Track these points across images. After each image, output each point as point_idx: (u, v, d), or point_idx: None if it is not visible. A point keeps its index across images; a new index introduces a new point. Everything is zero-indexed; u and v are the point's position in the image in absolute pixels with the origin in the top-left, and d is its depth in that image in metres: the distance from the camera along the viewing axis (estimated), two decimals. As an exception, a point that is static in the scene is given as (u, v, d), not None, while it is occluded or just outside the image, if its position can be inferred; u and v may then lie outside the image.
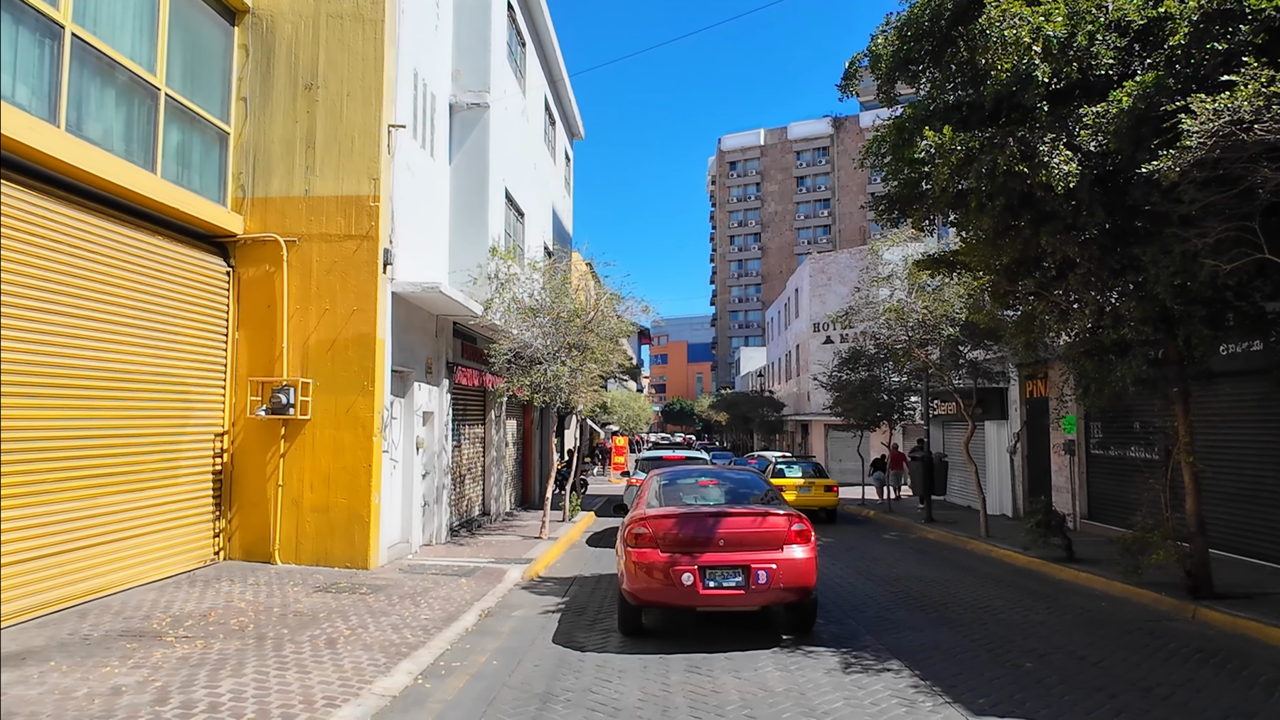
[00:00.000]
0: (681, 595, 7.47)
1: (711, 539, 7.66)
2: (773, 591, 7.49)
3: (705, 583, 7.45)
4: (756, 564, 7.46)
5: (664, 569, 7.51)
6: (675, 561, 7.53)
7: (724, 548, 7.61)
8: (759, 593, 7.46)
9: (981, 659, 7.08)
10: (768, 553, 7.58)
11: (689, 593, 7.43)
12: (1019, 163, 8.07)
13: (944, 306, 15.21)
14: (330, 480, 10.78)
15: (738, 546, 7.62)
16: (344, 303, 10.97)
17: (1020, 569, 12.55)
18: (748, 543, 7.65)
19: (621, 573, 7.97)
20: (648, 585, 7.58)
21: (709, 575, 7.46)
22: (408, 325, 12.42)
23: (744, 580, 7.46)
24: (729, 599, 7.47)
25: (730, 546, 7.62)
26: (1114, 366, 9.56)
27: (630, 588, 7.72)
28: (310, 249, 11.06)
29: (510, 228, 16.96)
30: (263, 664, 6.35)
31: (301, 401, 10.73)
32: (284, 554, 10.74)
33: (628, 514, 8.70)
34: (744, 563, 7.48)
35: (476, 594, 9.56)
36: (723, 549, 7.61)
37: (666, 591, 7.51)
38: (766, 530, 7.76)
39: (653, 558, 7.61)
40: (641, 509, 8.41)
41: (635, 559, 7.69)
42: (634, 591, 7.70)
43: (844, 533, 17.83)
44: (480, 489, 17.57)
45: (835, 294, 41.16)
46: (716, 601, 7.49)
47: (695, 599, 7.47)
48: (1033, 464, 19.44)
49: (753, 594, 7.46)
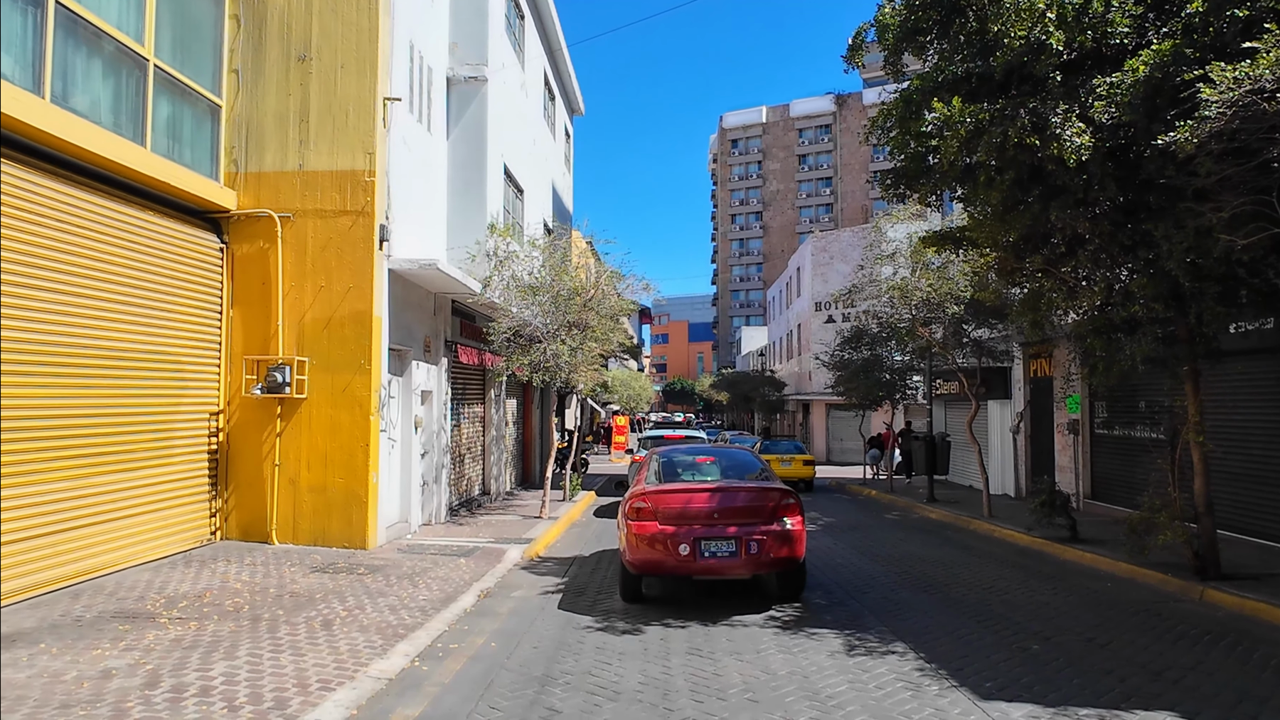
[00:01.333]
0: (679, 564, 7.89)
1: (707, 512, 8.09)
2: (763, 560, 7.93)
3: (701, 552, 7.88)
4: (748, 535, 7.90)
5: (663, 540, 7.92)
6: (673, 533, 7.93)
7: (718, 520, 8.03)
8: (750, 561, 7.90)
9: (987, 641, 6.97)
10: (759, 524, 8.01)
11: (686, 562, 7.86)
12: (1030, 135, 7.85)
13: (948, 284, 15.01)
14: (327, 460, 10.66)
15: (731, 519, 8.04)
16: (340, 280, 10.79)
17: (1024, 549, 12.45)
18: (740, 515, 8.08)
19: (623, 543, 8.37)
20: (648, 555, 8.00)
21: (704, 545, 7.89)
22: (405, 303, 12.25)
23: (736, 550, 7.88)
24: (722, 567, 7.92)
25: (724, 519, 8.04)
26: (1123, 344, 9.39)
27: (631, 558, 8.14)
28: (305, 225, 10.86)
29: (509, 204, 16.73)
30: (257, 646, 6.24)
31: (297, 380, 10.59)
32: (281, 534, 10.64)
33: (629, 489, 9.09)
34: (737, 534, 7.91)
35: (475, 574, 9.46)
36: (717, 521, 8.02)
37: (665, 561, 7.93)
38: (758, 504, 8.20)
39: (652, 530, 8.02)
40: (642, 485, 8.78)
41: (636, 531, 8.09)
42: (635, 561, 8.11)
43: (846, 512, 17.75)
44: (480, 468, 17.48)
45: (837, 273, 40.91)
46: (711, 570, 7.94)
47: (691, 568, 7.90)
48: (1036, 444, 19.31)
49: (745, 563, 7.90)
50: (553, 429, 15.85)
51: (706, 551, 7.88)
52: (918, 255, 15.50)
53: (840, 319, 39.89)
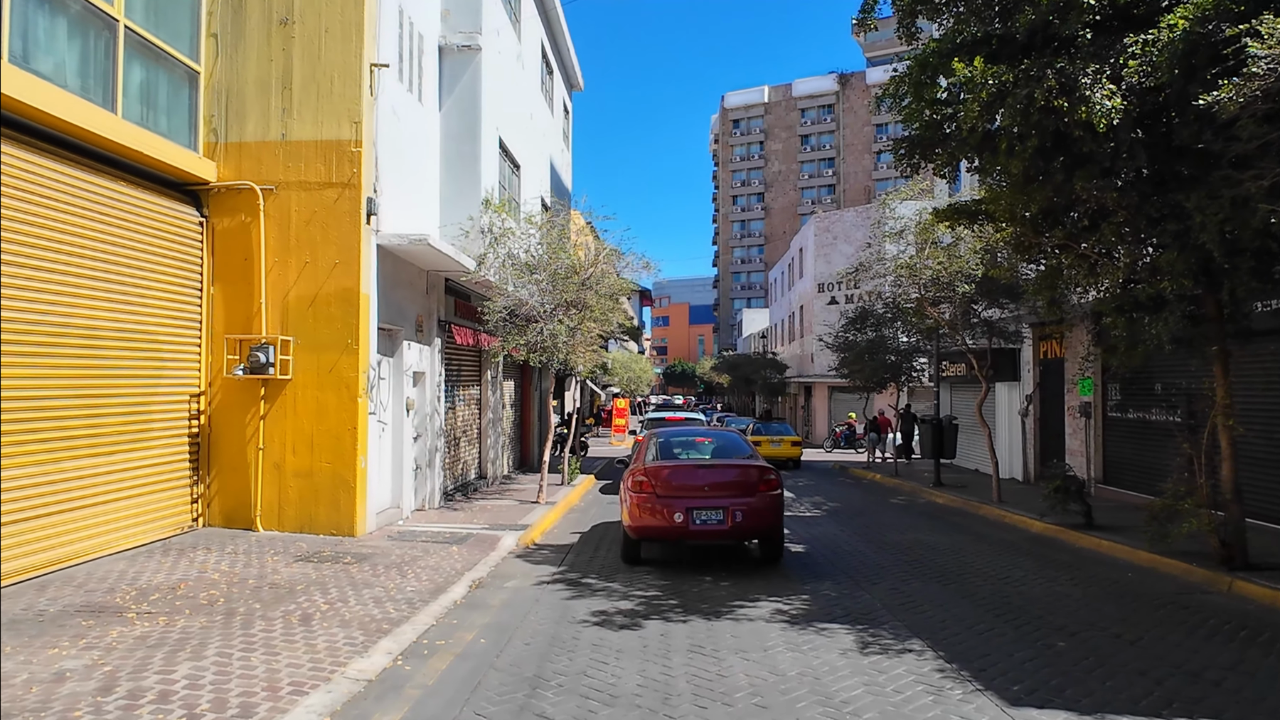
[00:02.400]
0: (673, 530, 8.93)
1: (698, 485, 9.18)
2: (746, 528, 8.98)
3: (693, 520, 8.88)
4: (734, 506, 8.91)
5: (660, 509, 8.96)
6: (669, 503, 8.95)
7: (708, 493, 9.08)
8: (736, 529, 8.92)
9: (1008, 637, 6.54)
10: (743, 497, 9.02)
11: (680, 528, 8.89)
12: (1058, 97, 7.33)
13: (958, 263, 14.50)
14: (313, 443, 10.22)
15: (719, 492, 9.09)
16: (325, 255, 10.30)
17: (1037, 536, 12.03)
18: (727, 489, 9.13)
19: (624, 512, 9.53)
20: (646, 522, 9.08)
21: (696, 514, 8.89)
22: (395, 281, 11.76)
23: (723, 518, 8.88)
24: (711, 534, 8.94)
25: (713, 492, 9.09)
26: (1148, 324, 8.91)
27: (631, 524, 9.25)
28: (289, 198, 10.35)
29: (505, 180, 16.20)
30: (228, 644, 5.82)
31: (281, 360, 10.12)
32: (266, 521, 10.22)
33: (629, 465, 10.20)
34: (724, 505, 8.92)
35: (467, 563, 9.05)
36: (707, 494, 9.07)
37: (661, 528, 8.98)
38: (743, 479, 9.23)
39: (650, 500, 9.07)
40: (642, 461, 9.85)
41: (636, 501, 9.18)
42: (635, 527, 9.21)
43: (850, 497, 17.34)
44: (476, 452, 17.05)
45: (841, 253, 40.35)
46: (701, 536, 8.97)
47: (685, 533, 8.92)
48: (1045, 427, 18.88)
49: (731, 530, 8.91)
50: (550, 411, 15.40)
51: (698, 519, 8.87)
52: (926, 233, 14.98)
53: (843, 300, 39.39)
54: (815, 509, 15.17)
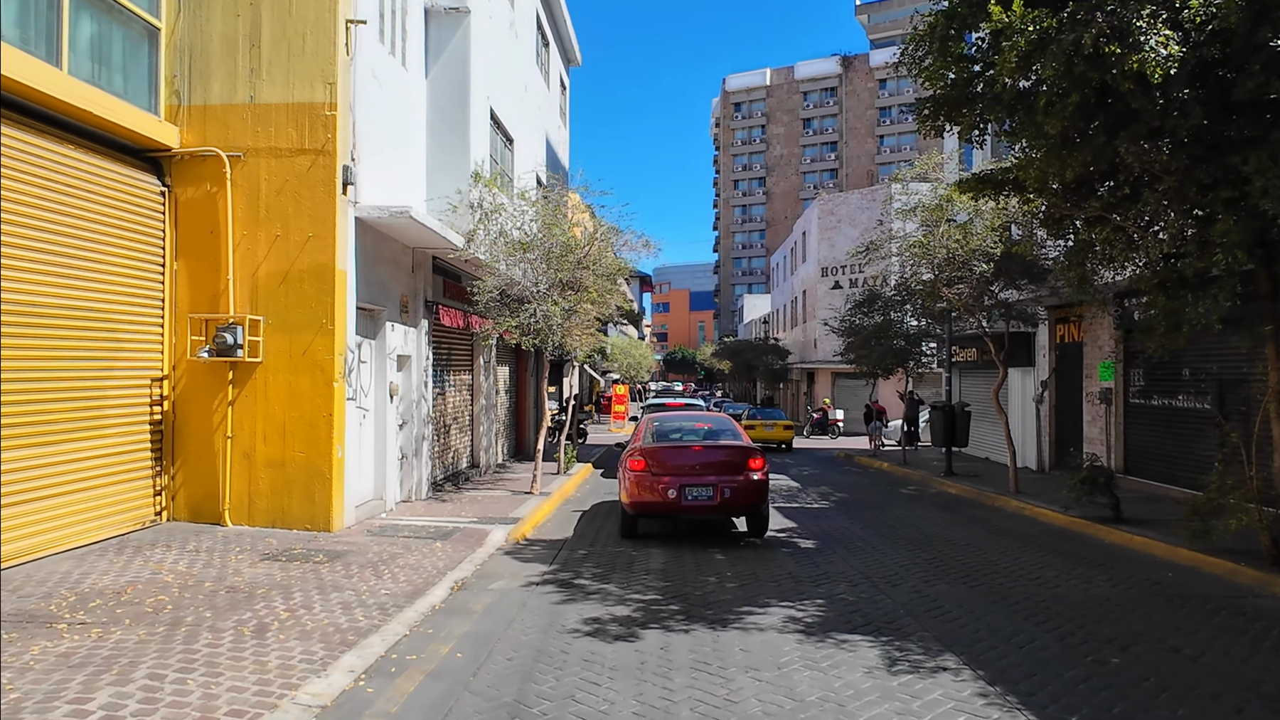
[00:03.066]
0: (667, 505, 9.65)
1: (690, 464, 9.85)
2: (734, 504, 9.67)
3: (685, 496, 9.57)
4: (723, 484, 9.59)
5: (655, 486, 9.67)
6: (663, 480, 9.66)
7: (699, 471, 9.76)
8: (724, 504, 9.62)
9: (1053, 651, 5.81)
10: (731, 475, 9.71)
11: (673, 503, 9.59)
12: (1109, 43, 6.52)
13: (975, 240, 13.69)
14: (286, 431, 9.47)
15: (710, 470, 9.76)
16: (298, 228, 9.52)
17: (1061, 530, 11.30)
18: (717, 468, 9.79)
19: (622, 490, 10.19)
20: (643, 498, 9.75)
21: (688, 491, 9.58)
22: (377, 257, 10.98)
23: (713, 495, 9.56)
24: (701, 508, 9.65)
25: (704, 470, 9.76)
26: (1194, 302, 8.15)
27: (629, 501, 9.95)
28: (258, 165, 9.56)
29: (497, 153, 15.38)
30: (164, 662, 5.08)
31: (251, 342, 9.36)
32: (235, 514, 9.48)
33: (628, 445, 11.02)
34: (713, 482, 9.60)
35: (451, 561, 8.32)
36: (698, 472, 9.74)
37: (656, 503, 9.68)
38: (731, 460, 9.91)
39: (647, 478, 9.78)
40: (640, 442, 10.55)
41: (634, 479, 9.86)
42: (632, 503, 9.89)
43: (858, 486, 16.62)
44: (468, 440, 16.32)
45: (845, 236, 39.50)
46: (692, 510, 9.68)
47: (677, 508, 9.65)
48: (1061, 414, 18.13)
49: (720, 505, 9.62)
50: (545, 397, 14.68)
51: (690, 496, 9.56)
52: (941, 210, 14.15)
53: (848, 285, 38.59)
54: (823, 500, 14.45)
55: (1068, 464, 17.48)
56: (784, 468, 20.69)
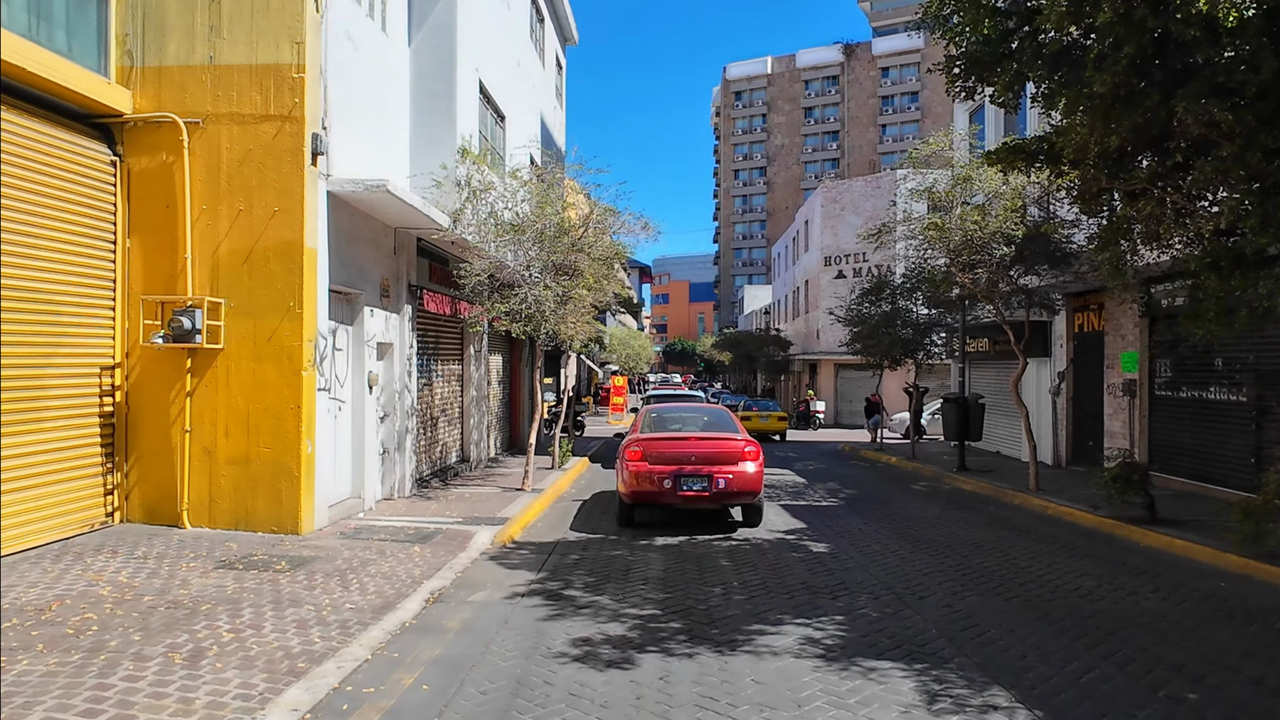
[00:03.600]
0: (663, 495, 9.71)
1: (686, 455, 9.89)
2: (729, 494, 9.72)
3: (681, 487, 9.64)
4: (718, 474, 9.67)
5: (651, 476, 9.71)
6: (660, 471, 9.72)
7: (695, 462, 9.81)
8: (719, 495, 9.68)
9: (1117, 684, 5.00)
10: (727, 466, 9.78)
11: (669, 493, 9.67)
12: (1177, -19, 5.68)
13: (994, 222, 12.84)
14: (250, 424, 8.66)
15: (705, 461, 9.82)
16: (262, 202, 8.68)
17: (1090, 531, 10.50)
18: (712, 459, 9.86)
19: (620, 480, 10.20)
20: (639, 488, 9.78)
21: (683, 481, 9.66)
22: (354, 236, 10.15)
23: (708, 485, 9.64)
24: (697, 499, 9.69)
25: (700, 461, 9.82)
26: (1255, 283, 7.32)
27: (626, 490, 9.94)
28: (218, 133, 8.72)
29: (487, 129, 14.52)
30: (66, 702, 4.27)
31: (211, 326, 8.53)
32: (195, 515, 8.68)
33: (626, 436, 10.95)
34: (709, 473, 9.69)
35: (429, 568, 7.53)
36: (694, 463, 9.80)
37: (652, 493, 9.73)
38: (726, 450, 9.95)
39: (644, 468, 9.81)
40: (637, 433, 10.67)
41: (631, 470, 9.87)
42: (629, 493, 9.91)
43: (867, 482, 15.82)
44: (458, 433, 15.51)
45: (849, 225, 38.65)
46: (688, 500, 9.70)
47: (673, 498, 9.71)
48: (1078, 407, 17.33)
49: (714, 496, 9.67)
50: (538, 388, 13.87)
51: (685, 486, 9.65)
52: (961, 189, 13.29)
53: (851, 274, 37.74)
54: (832, 497, 13.65)
55: (1086, 459, 16.70)
56: (787, 461, 19.91)
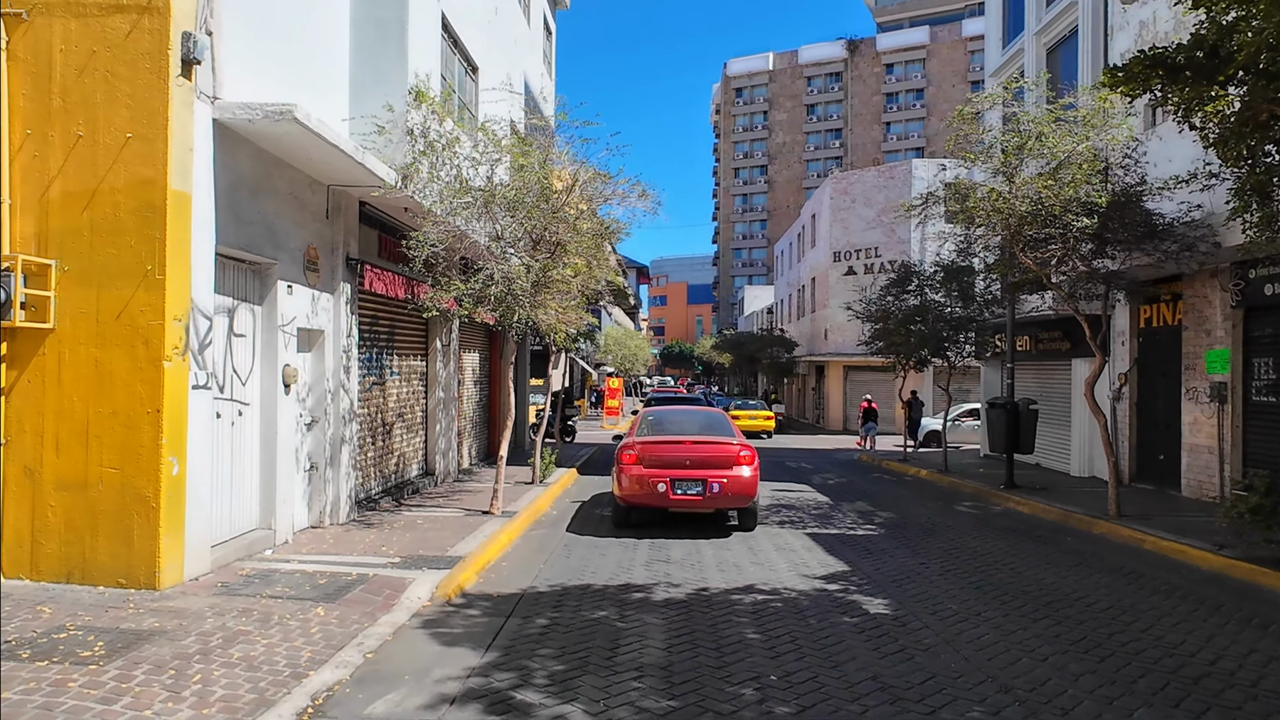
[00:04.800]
0: (658, 499, 9.78)
1: (681, 459, 9.93)
2: (723, 499, 9.77)
3: (675, 490, 9.74)
4: (712, 478, 9.76)
5: (646, 480, 9.79)
6: (655, 475, 9.80)
7: (690, 466, 9.87)
8: (713, 499, 9.74)
9: None
10: (721, 470, 9.84)
11: (663, 497, 9.75)
12: None
13: (1069, 189, 10.43)
14: (90, 435, 6.23)
15: (699, 465, 9.88)
16: (111, 126, 6.26)
17: (1217, 577, 8.08)
18: (707, 463, 9.91)
19: (616, 484, 10.18)
20: (635, 491, 9.86)
21: (678, 485, 9.74)
22: (261, 188, 7.73)
23: (702, 490, 9.72)
24: (691, 503, 9.76)
25: (694, 465, 9.88)
26: None
27: (621, 494, 10.00)
28: (50, 29, 6.30)
29: (454, 77, 12.12)
30: None
31: (35, 298, 6.11)
32: (12, 562, 6.24)
33: (622, 439, 10.88)
34: (703, 477, 9.76)
35: (327, 646, 5.13)
36: (689, 467, 9.86)
37: (647, 496, 9.80)
38: (721, 454, 10.00)
39: (639, 472, 9.90)
40: (633, 436, 10.56)
41: (627, 473, 9.94)
42: (624, 496, 9.98)
43: (905, 503, 13.38)
44: (420, 441, 13.09)
45: (860, 218, 36.39)
46: (682, 504, 9.77)
47: (667, 502, 9.78)
48: (1144, 414, 14.95)
49: (708, 500, 9.74)
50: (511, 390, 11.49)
51: (679, 490, 9.66)
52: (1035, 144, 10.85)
53: (862, 270, 35.39)
54: (867, 522, 11.24)
55: (1153, 476, 14.33)
56: (802, 474, 17.50)
